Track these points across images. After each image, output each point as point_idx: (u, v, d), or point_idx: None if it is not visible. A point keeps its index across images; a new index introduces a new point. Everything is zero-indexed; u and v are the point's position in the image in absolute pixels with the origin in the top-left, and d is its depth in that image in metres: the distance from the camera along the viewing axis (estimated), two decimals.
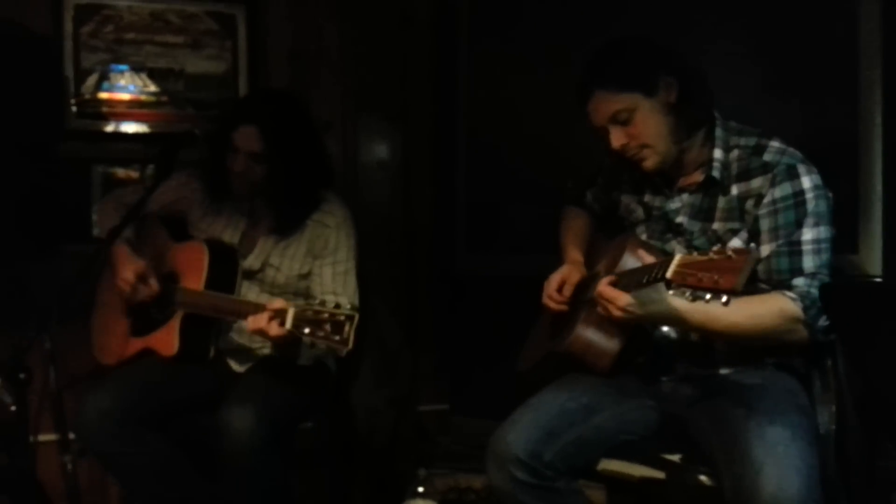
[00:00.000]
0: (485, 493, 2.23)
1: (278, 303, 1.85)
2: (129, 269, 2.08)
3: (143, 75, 2.69)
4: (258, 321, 1.84)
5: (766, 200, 1.67)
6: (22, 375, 1.74)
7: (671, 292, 1.54)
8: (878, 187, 2.07)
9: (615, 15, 2.44)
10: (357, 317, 1.74)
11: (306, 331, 1.77)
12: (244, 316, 1.91)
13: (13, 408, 1.76)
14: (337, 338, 1.74)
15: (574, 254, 1.97)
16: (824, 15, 2.13)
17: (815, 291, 1.63)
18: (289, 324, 1.79)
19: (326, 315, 1.75)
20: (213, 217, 2.19)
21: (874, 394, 1.63)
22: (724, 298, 1.41)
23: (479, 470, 2.13)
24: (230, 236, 2.17)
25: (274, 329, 1.82)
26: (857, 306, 1.10)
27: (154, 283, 2.09)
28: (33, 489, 2.10)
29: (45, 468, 2.36)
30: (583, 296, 1.85)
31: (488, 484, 2.11)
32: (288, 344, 1.91)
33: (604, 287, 1.63)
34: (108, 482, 2.52)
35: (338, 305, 1.77)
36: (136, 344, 2.14)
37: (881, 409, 1.53)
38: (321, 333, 1.75)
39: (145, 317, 2.14)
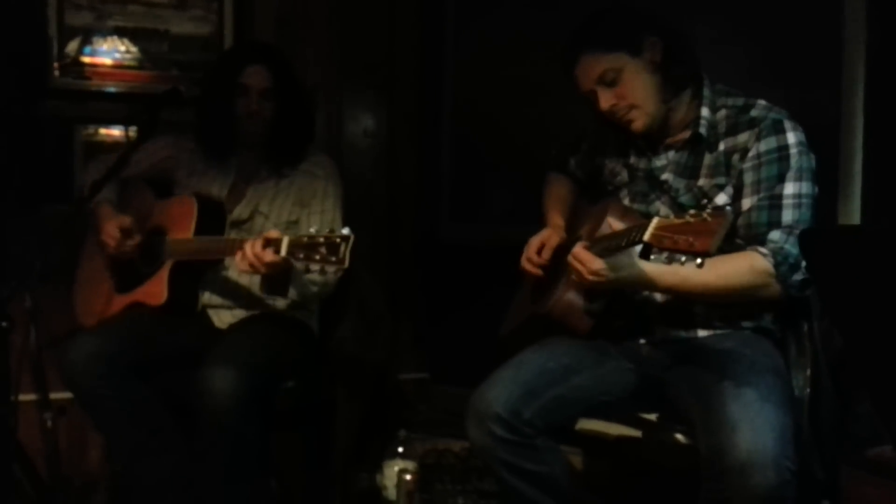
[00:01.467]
0: (463, 455, 2.25)
1: (272, 232, 1.85)
2: (112, 224, 2.08)
3: (126, 40, 2.66)
4: (254, 246, 1.83)
5: (750, 154, 1.70)
6: (4, 324, 1.72)
7: (652, 256, 1.56)
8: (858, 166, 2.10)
9: None
10: (353, 238, 1.73)
11: (301, 255, 1.76)
12: (235, 251, 1.90)
13: None
14: (333, 258, 1.73)
15: (555, 218, 1.99)
16: (808, 3, 2.14)
17: (789, 247, 1.64)
18: (283, 251, 1.79)
19: (322, 239, 1.75)
20: (199, 176, 2.19)
21: (848, 355, 1.66)
22: (699, 261, 1.44)
23: (458, 436, 2.16)
24: (218, 189, 2.17)
25: (268, 255, 1.81)
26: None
27: (138, 237, 2.09)
28: (14, 447, 2.08)
29: (25, 428, 2.34)
30: (564, 259, 1.86)
31: (467, 447, 2.14)
32: (279, 275, 1.90)
33: (577, 250, 1.66)
34: (88, 442, 2.52)
35: (332, 230, 1.77)
36: (122, 300, 2.14)
37: (855, 370, 1.55)
38: (317, 257, 1.74)
39: (131, 274, 2.14)
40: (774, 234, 1.65)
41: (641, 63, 1.72)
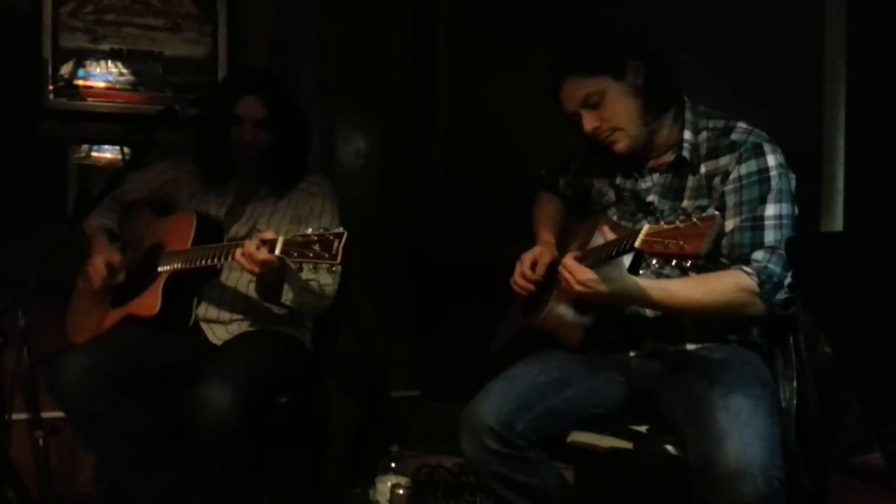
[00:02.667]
0: (455, 471, 2.26)
1: (268, 233, 1.88)
2: (100, 258, 2.12)
3: (119, 63, 2.70)
4: (248, 246, 1.86)
5: (732, 177, 1.74)
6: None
7: (641, 272, 1.59)
8: (840, 184, 2.14)
9: (590, 12, 2.51)
10: (346, 235, 1.76)
11: (295, 254, 1.78)
12: (232, 254, 1.92)
13: None
14: (326, 255, 1.75)
15: (546, 235, 2.01)
16: (790, 22, 2.20)
17: (773, 266, 1.68)
18: (278, 250, 1.81)
19: (315, 237, 1.77)
20: (199, 198, 2.23)
21: (836, 361, 1.68)
22: (689, 263, 1.46)
23: (450, 452, 2.17)
24: (216, 210, 2.21)
25: (263, 255, 1.84)
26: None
27: (123, 275, 2.13)
28: (5, 466, 2.08)
29: (16, 449, 2.34)
30: (555, 275, 1.89)
31: (459, 462, 2.15)
32: (274, 277, 1.92)
33: (567, 260, 1.68)
34: (79, 461, 2.52)
35: (325, 228, 1.79)
36: (114, 315, 2.15)
37: (843, 376, 1.58)
38: (310, 254, 1.76)
39: (125, 290, 2.16)
40: (758, 254, 1.69)
41: (624, 86, 1.77)
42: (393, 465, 2.20)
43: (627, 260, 1.64)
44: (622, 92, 1.76)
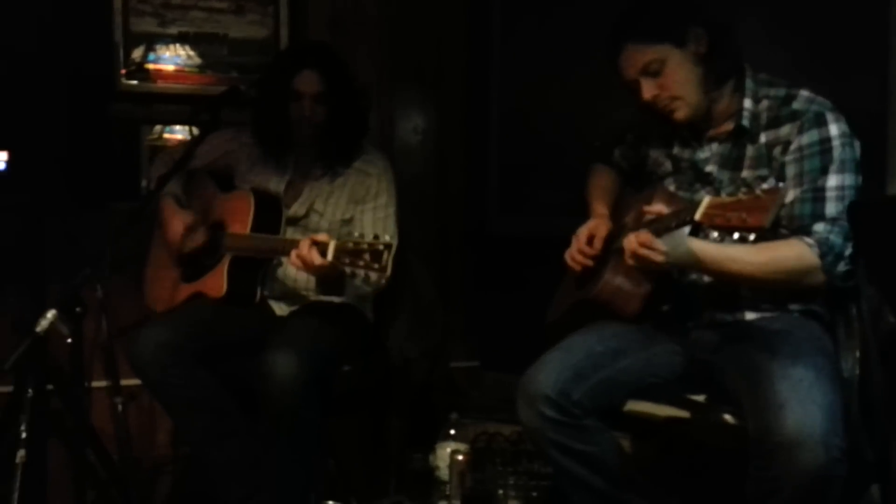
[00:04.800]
0: (513, 439, 2.30)
1: (321, 236, 1.93)
2: (177, 221, 2.19)
3: (187, 46, 2.79)
4: (301, 249, 1.92)
5: (792, 147, 1.71)
6: (78, 309, 1.79)
7: (696, 237, 1.59)
8: None
9: None
10: (395, 245, 1.82)
11: (346, 261, 1.84)
12: (287, 252, 1.98)
13: (69, 340, 1.80)
14: (376, 265, 1.81)
15: (600, 208, 2.01)
16: None
17: (834, 238, 1.66)
18: (330, 255, 1.87)
19: (366, 245, 1.83)
20: (260, 169, 2.27)
21: None
22: (752, 237, 1.46)
23: (508, 420, 2.21)
24: (276, 185, 2.26)
25: (317, 259, 1.90)
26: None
27: (201, 234, 2.19)
28: (87, 432, 2.19)
29: (97, 414, 2.47)
30: (610, 246, 1.90)
31: (517, 430, 2.19)
32: (331, 277, 1.98)
33: (642, 235, 1.65)
34: (157, 426, 2.64)
35: (376, 237, 1.85)
36: (187, 289, 2.24)
37: None
38: (361, 263, 1.82)
39: (195, 264, 2.24)
40: (819, 226, 1.67)
41: (686, 54, 1.74)
42: (452, 432, 2.25)
43: (686, 231, 1.64)
44: (683, 59, 1.74)
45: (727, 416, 1.74)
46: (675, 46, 1.74)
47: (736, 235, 1.47)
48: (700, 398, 1.81)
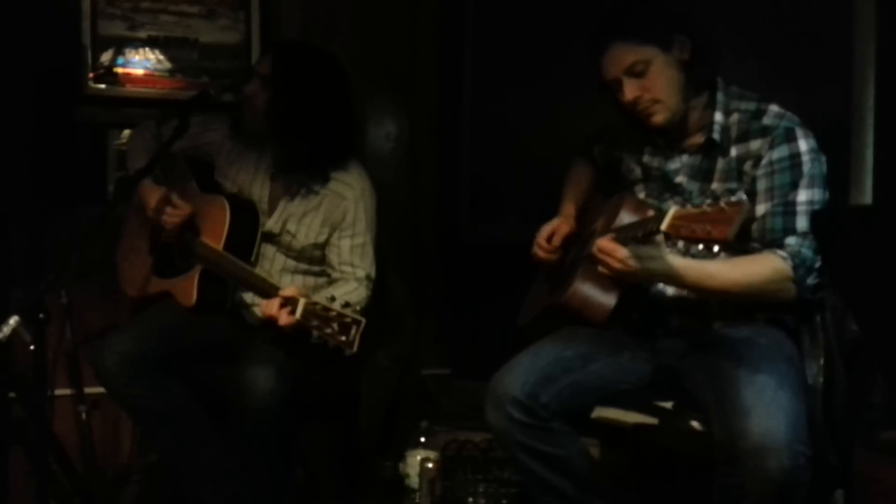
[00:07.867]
0: (484, 446, 2.30)
1: (290, 290, 1.90)
2: (154, 197, 2.14)
3: (157, 50, 2.76)
4: (270, 307, 1.90)
5: (763, 162, 1.73)
6: (41, 315, 1.75)
7: (669, 250, 1.60)
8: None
9: None
10: (364, 322, 1.80)
11: (314, 323, 1.82)
12: (258, 288, 1.97)
13: (32, 347, 1.76)
14: (343, 338, 1.80)
15: (568, 207, 2.03)
16: (818, 4, 2.17)
17: (805, 251, 1.68)
18: (299, 313, 1.84)
19: (335, 314, 1.81)
20: (239, 164, 2.21)
21: (863, 345, 1.68)
22: (716, 249, 1.47)
23: (479, 428, 2.21)
24: (259, 189, 2.20)
25: (284, 317, 1.87)
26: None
27: (182, 204, 2.13)
28: (49, 441, 2.15)
29: (60, 422, 2.42)
30: (581, 252, 1.91)
31: (488, 438, 2.19)
32: (297, 332, 1.94)
33: (602, 241, 1.69)
34: (121, 435, 2.60)
35: (347, 304, 1.82)
36: (158, 285, 2.20)
37: (869, 352, 1.58)
38: (328, 330, 1.81)
39: (168, 260, 2.20)
40: (791, 240, 1.69)
41: (670, 59, 1.75)
42: (422, 439, 2.24)
43: (664, 246, 1.64)
44: (667, 64, 1.75)
45: (694, 423, 1.76)
46: (661, 50, 1.75)
47: (700, 247, 1.49)
48: (668, 405, 1.83)
